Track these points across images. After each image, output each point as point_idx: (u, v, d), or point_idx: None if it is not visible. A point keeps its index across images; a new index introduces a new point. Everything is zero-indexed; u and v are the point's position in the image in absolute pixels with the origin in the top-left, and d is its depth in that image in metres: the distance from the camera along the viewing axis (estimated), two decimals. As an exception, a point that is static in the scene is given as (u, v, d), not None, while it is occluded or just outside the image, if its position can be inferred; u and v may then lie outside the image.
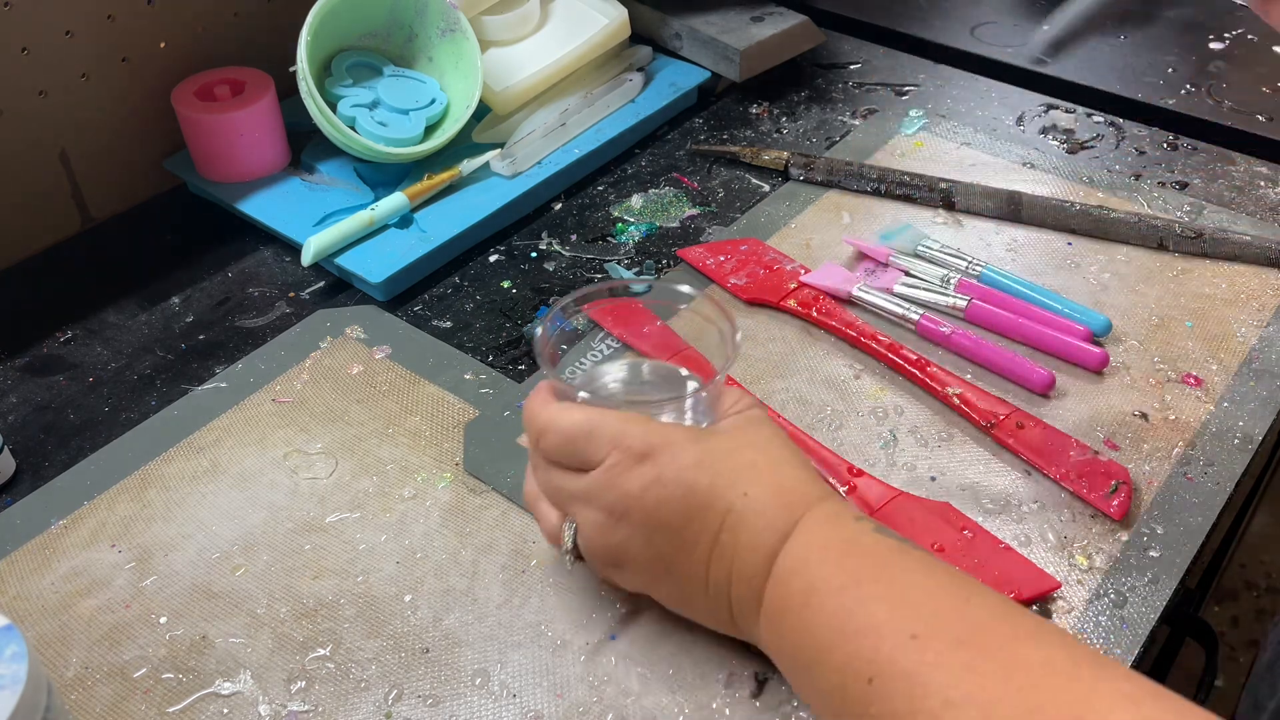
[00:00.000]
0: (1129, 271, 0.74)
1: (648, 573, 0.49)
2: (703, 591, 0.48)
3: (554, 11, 0.90)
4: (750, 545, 0.46)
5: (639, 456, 0.47)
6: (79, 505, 0.61)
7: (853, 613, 0.42)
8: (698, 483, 0.46)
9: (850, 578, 0.43)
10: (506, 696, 0.51)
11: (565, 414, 0.49)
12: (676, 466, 0.47)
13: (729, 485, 0.46)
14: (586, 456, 0.48)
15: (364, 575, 0.57)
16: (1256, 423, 0.63)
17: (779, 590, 0.45)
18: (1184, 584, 0.55)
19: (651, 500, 0.47)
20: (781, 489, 0.46)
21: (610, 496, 0.48)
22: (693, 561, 0.47)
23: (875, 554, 0.44)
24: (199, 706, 0.51)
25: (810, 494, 0.47)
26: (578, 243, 0.80)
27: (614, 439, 0.47)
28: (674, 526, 0.47)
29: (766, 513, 0.46)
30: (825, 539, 0.45)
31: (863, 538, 0.45)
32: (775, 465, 0.47)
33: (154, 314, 0.75)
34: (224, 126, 0.79)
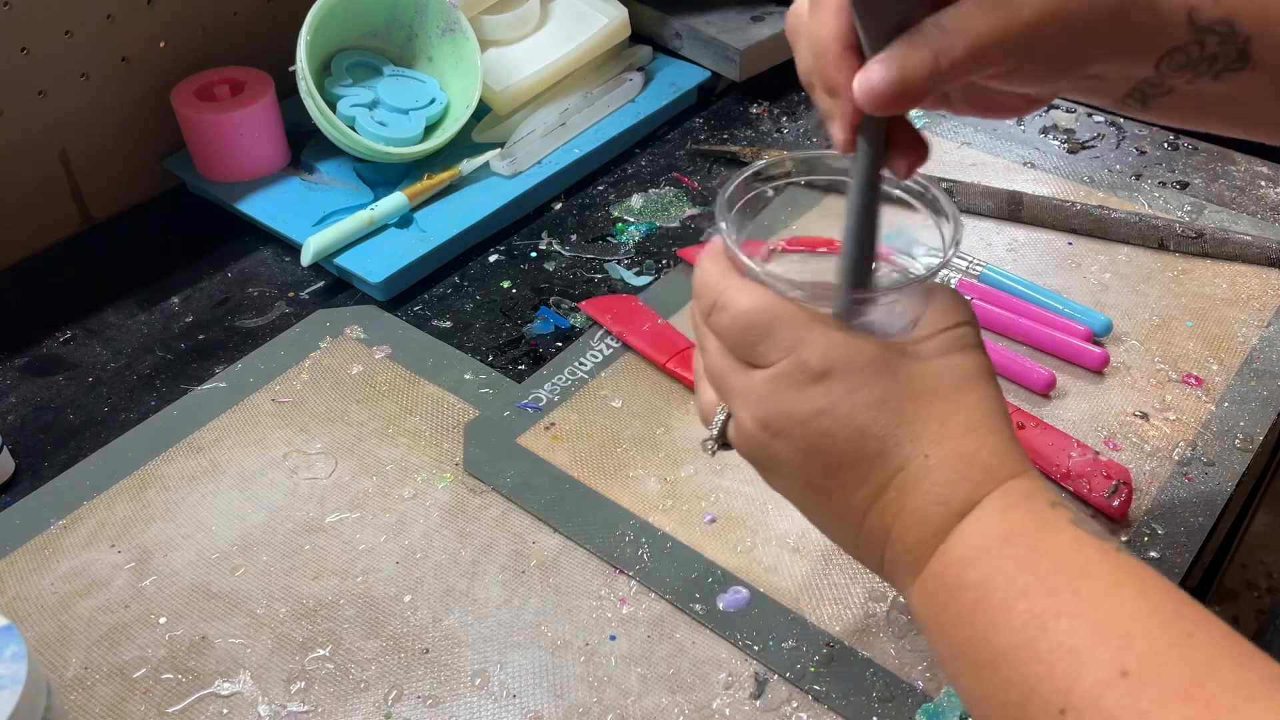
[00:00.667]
0: (1129, 271, 0.74)
1: (794, 491, 0.44)
2: (852, 532, 0.43)
3: (554, 11, 0.90)
4: (919, 514, 0.40)
5: (814, 375, 0.40)
6: (78, 505, 0.61)
7: (1045, 627, 0.35)
8: (872, 427, 0.40)
9: (1041, 582, 0.37)
10: (506, 697, 0.51)
11: (744, 294, 0.42)
12: (853, 402, 0.40)
13: (909, 439, 0.40)
14: (757, 352, 0.42)
15: (363, 575, 0.57)
16: (1257, 423, 0.63)
17: (947, 574, 0.39)
18: (1185, 584, 0.55)
19: (815, 431, 0.41)
20: (969, 457, 0.40)
21: (772, 409, 0.42)
22: (849, 504, 0.42)
23: (1073, 554, 0.37)
24: (198, 707, 0.51)
25: (1001, 468, 0.40)
26: (578, 243, 0.79)
27: (791, 344, 0.41)
28: (835, 464, 0.41)
29: (945, 483, 0.39)
30: (1011, 527, 0.38)
31: (1059, 532, 0.38)
32: (968, 426, 0.40)
33: (153, 314, 0.75)
34: (224, 126, 0.79)
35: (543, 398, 0.66)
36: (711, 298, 0.43)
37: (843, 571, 0.56)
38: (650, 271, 0.76)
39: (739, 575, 0.56)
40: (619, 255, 0.78)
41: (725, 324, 0.43)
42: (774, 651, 0.53)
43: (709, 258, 0.45)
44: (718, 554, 0.57)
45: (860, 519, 0.42)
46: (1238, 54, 0.42)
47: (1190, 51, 0.42)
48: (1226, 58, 0.42)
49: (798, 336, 0.41)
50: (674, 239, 0.79)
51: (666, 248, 0.79)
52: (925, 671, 0.52)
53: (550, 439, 0.64)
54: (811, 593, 0.55)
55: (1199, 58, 0.42)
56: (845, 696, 0.51)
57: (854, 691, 0.51)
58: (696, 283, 0.45)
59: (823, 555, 0.57)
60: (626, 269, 0.77)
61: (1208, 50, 0.42)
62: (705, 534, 0.58)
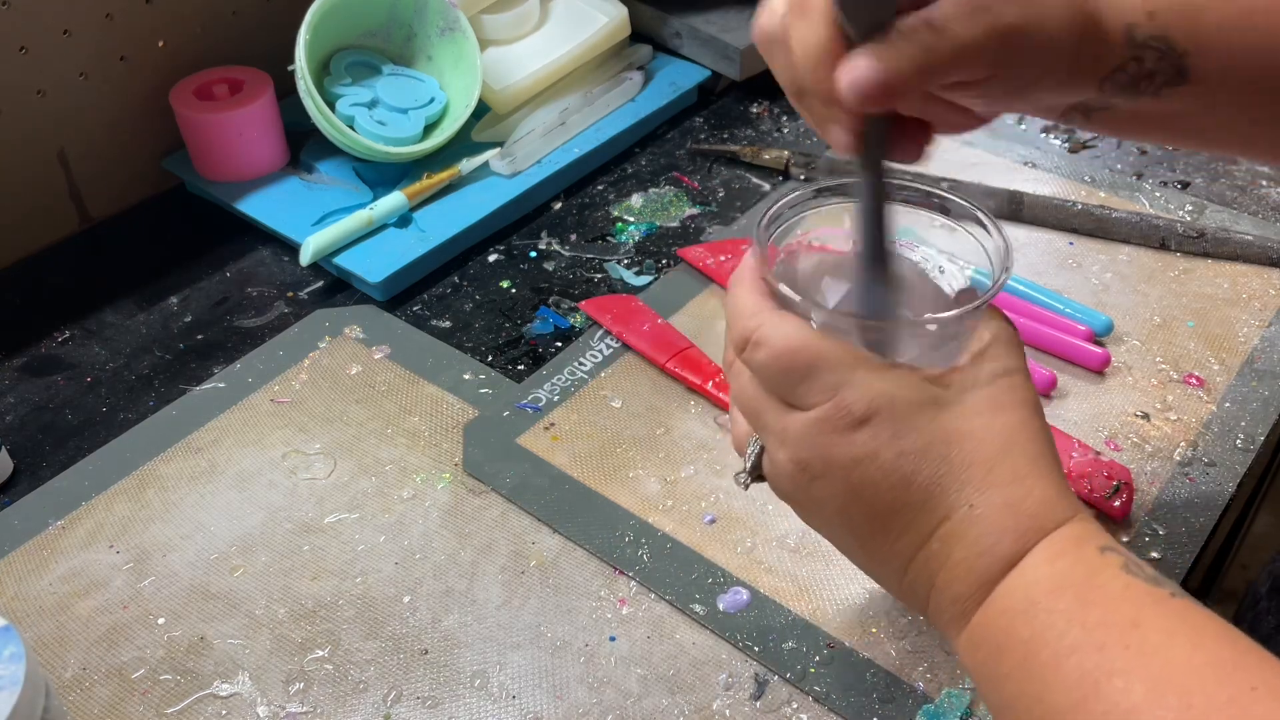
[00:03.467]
0: (1130, 271, 0.74)
1: (834, 534, 0.43)
2: (895, 578, 0.41)
3: (553, 10, 0.90)
4: (965, 565, 0.38)
5: (857, 420, 0.39)
6: (77, 506, 0.61)
7: (1098, 686, 0.34)
8: (917, 475, 0.39)
9: (1090, 637, 0.35)
10: (505, 698, 0.51)
11: (782, 330, 0.40)
12: (897, 449, 0.39)
13: (954, 487, 0.38)
14: (797, 393, 0.40)
15: (363, 576, 0.57)
16: (1258, 423, 0.63)
17: (995, 625, 0.38)
18: (1186, 585, 0.55)
19: (858, 477, 0.39)
20: (1015, 506, 0.38)
21: (811, 453, 0.40)
22: (892, 551, 0.40)
23: (1123, 605, 0.36)
24: (197, 708, 0.51)
25: (1049, 515, 0.38)
26: (577, 242, 0.79)
27: (833, 386, 0.39)
28: (878, 511, 0.40)
29: (992, 534, 0.38)
30: (1059, 578, 0.37)
31: (1109, 581, 0.36)
32: (1016, 473, 0.39)
33: (152, 314, 0.75)
34: (223, 126, 0.79)
35: (542, 398, 0.66)
36: (747, 332, 0.41)
37: (843, 572, 0.56)
38: (650, 271, 0.76)
39: (739, 576, 0.56)
40: (619, 255, 0.78)
41: (762, 362, 0.41)
42: (774, 652, 0.52)
43: (742, 285, 0.43)
44: (718, 554, 0.57)
45: (904, 566, 0.41)
46: (1175, 70, 0.42)
47: (1129, 70, 0.43)
48: (1165, 74, 0.43)
49: (840, 379, 0.39)
50: (674, 239, 0.79)
51: (666, 247, 0.78)
52: (925, 672, 0.52)
53: (550, 439, 0.64)
54: (811, 593, 0.55)
55: (1139, 75, 0.43)
56: (845, 697, 0.51)
57: (854, 692, 0.51)
58: (730, 312, 0.43)
59: (823, 555, 0.57)
60: (626, 269, 0.77)
61: (1146, 66, 0.42)
62: (705, 534, 0.58)
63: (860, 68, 0.38)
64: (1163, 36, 0.42)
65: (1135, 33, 0.42)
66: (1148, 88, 0.43)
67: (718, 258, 0.75)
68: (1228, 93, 0.43)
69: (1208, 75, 0.43)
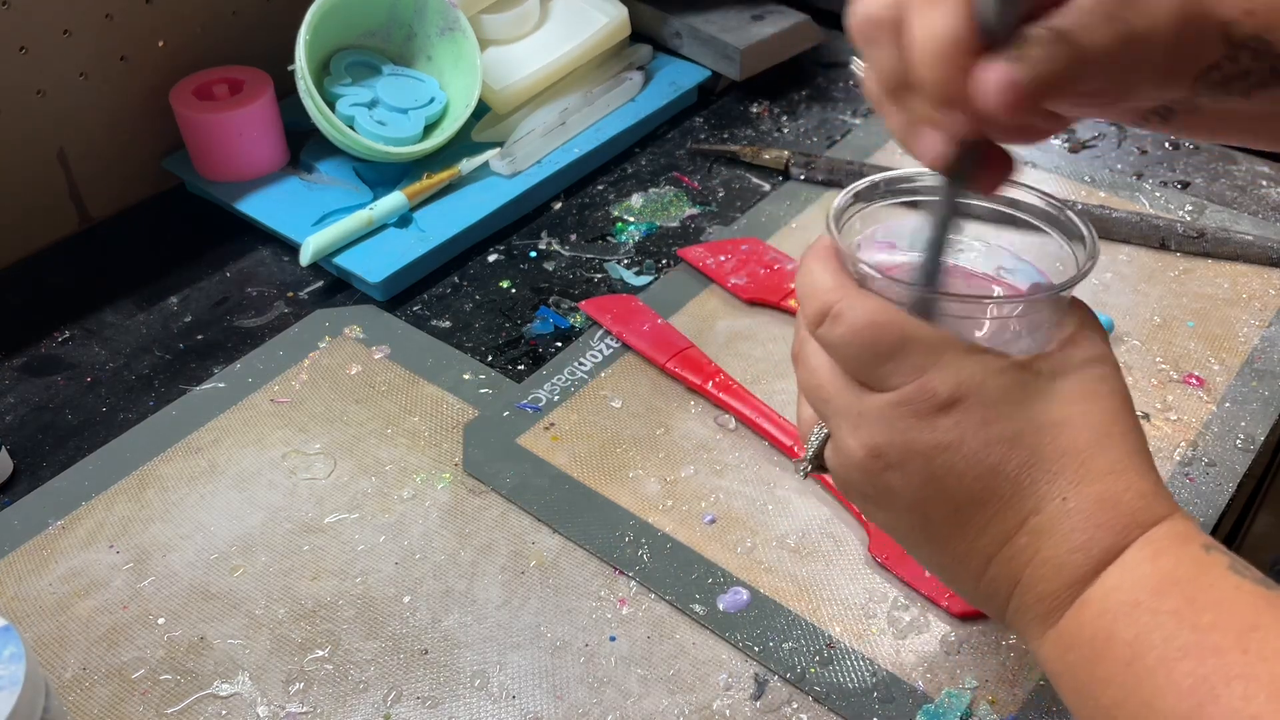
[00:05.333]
0: (1130, 271, 0.74)
1: (905, 529, 0.41)
2: (973, 577, 0.39)
3: (553, 10, 0.90)
4: (1055, 562, 0.37)
5: (942, 404, 0.37)
6: (77, 506, 0.61)
7: (1215, 692, 0.32)
8: (1005, 465, 0.37)
9: (1204, 639, 0.33)
10: (506, 698, 0.51)
11: (865, 306, 0.38)
12: (985, 437, 0.37)
13: (1045, 478, 0.36)
14: (878, 374, 0.38)
15: (362, 576, 0.57)
16: (1259, 423, 0.63)
17: (1091, 628, 0.36)
18: (1186, 585, 0.55)
19: (940, 466, 0.37)
20: (1112, 500, 0.36)
21: (888, 437, 0.38)
22: (972, 547, 0.38)
23: (1237, 606, 0.34)
24: (197, 708, 0.51)
25: (1148, 511, 0.36)
26: (577, 242, 0.79)
27: (919, 367, 0.37)
28: (959, 504, 0.38)
29: (1086, 529, 0.36)
30: (1163, 576, 0.35)
31: (1218, 580, 0.34)
32: (1112, 465, 0.37)
33: (152, 314, 0.75)
34: (222, 126, 0.79)
35: (542, 398, 0.66)
36: (826, 305, 0.39)
37: (843, 571, 0.56)
38: (650, 271, 0.76)
39: (739, 576, 0.56)
40: (619, 255, 0.78)
41: (842, 337, 0.38)
42: (774, 652, 0.52)
43: (817, 259, 0.40)
44: (718, 554, 0.57)
45: (985, 564, 0.39)
46: (1270, 71, 0.40)
47: (1224, 69, 0.40)
48: (1259, 74, 0.40)
49: (926, 360, 0.37)
50: (674, 238, 0.79)
51: (666, 247, 0.78)
52: (925, 672, 0.52)
53: (550, 439, 0.64)
54: (811, 593, 0.55)
55: (1233, 74, 0.40)
56: (845, 697, 0.51)
57: (854, 692, 0.51)
58: (803, 287, 0.40)
59: (823, 555, 0.57)
60: (626, 269, 0.77)
61: (1241, 66, 0.40)
62: (705, 534, 0.58)
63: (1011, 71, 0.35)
64: (1260, 36, 0.39)
65: (1232, 30, 0.39)
66: (1239, 88, 0.40)
67: (718, 258, 0.75)
68: None
69: None
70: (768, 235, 0.78)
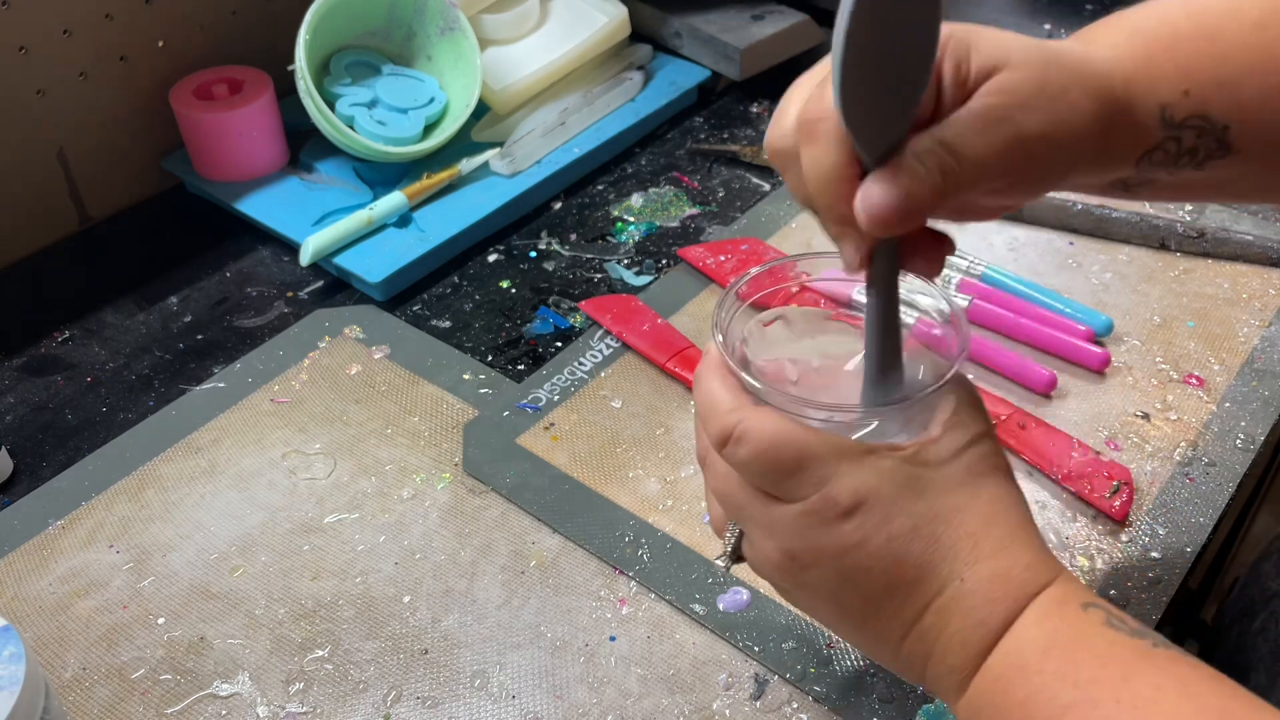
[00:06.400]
0: (1131, 271, 0.74)
1: (825, 616, 0.44)
2: (890, 654, 0.42)
3: (553, 10, 0.90)
4: (960, 637, 0.39)
5: (845, 510, 0.39)
6: (77, 506, 0.61)
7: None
8: (908, 556, 0.39)
9: (1083, 694, 0.36)
10: (505, 698, 0.51)
11: (762, 429, 0.40)
12: (887, 533, 0.39)
13: (944, 562, 0.39)
14: (782, 489, 0.41)
15: (362, 576, 0.57)
16: (1259, 423, 0.63)
17: (989, 693, 0.39)
18: (1186, 585, 0.55)
19: (849, 564, 0.40)
20: (1003, 575, 0.39)
21: (800, 543, 0.41)
22: (887, 628, 0.41)
23: (1111, 661, 0.37)
24: (197, 708, 0.51)
25: (1034, 580, 0.39)
26: (577, 242, 0.79)
27: (819, 479, 0.40)
28: (870, 595, 0.40)
29: (983, 605, 0.39)
30: (1047, 639, 0.38)
31: (1094, 637, 0.37)
32: (1000, 543, 0.39)
33: (152, 314, 0.75)
34: (222, 125, 0.79)
35: (542, 398, 0.66)
36: (727, 428, 0.41)
37: (843, 572, 0.56)
38: (650, 271, 0.76)
39: (739, 576, 0.56)
40: (619, 255, 0.78)
41: (743, 460, 0.41)
42: (774, 652, 0.52)
43: (712, 375, 0.43)
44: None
45: (899, 643, 0.41)
46: (1217, 144, 0.42)
47: (1168, 148, 0.42)
48: (1206, 148, 0.42)
49: (825, 471, 0.40)
50: (674, 238, 0.79)
51: (666, 247, 0.78)
52: (926, 672, 0.52)
53: (550, 439, 0.64)
54: (812, 593, 0.55)
55: (1177, 153, 0.42)
56: (845, 697, 0.51)
57: (854, 692, 0.51)
58: (703, 405, 0.43)
59: (823, 556, 0.57)
60: (626, 269, 0.77)
61: (1185, 145, 0.42)
62: (705, 534, 0.58)
63: (877, 194, 0.38)
64: (1201, 113, 0.41)
65: (1171, 113, 0.41)
66: (1189, 162, 0.42)
67: (718, 258, 0.75)
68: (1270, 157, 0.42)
69: (1251, 144, 0.42)
70: (768, 235, 0.78)
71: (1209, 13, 0.42)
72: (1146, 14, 0.43)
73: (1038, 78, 0.39)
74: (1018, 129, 0.38)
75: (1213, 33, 0.41)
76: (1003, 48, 0.39)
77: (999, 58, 0.39)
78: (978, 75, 0.38)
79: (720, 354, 0.43)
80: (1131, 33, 0.42)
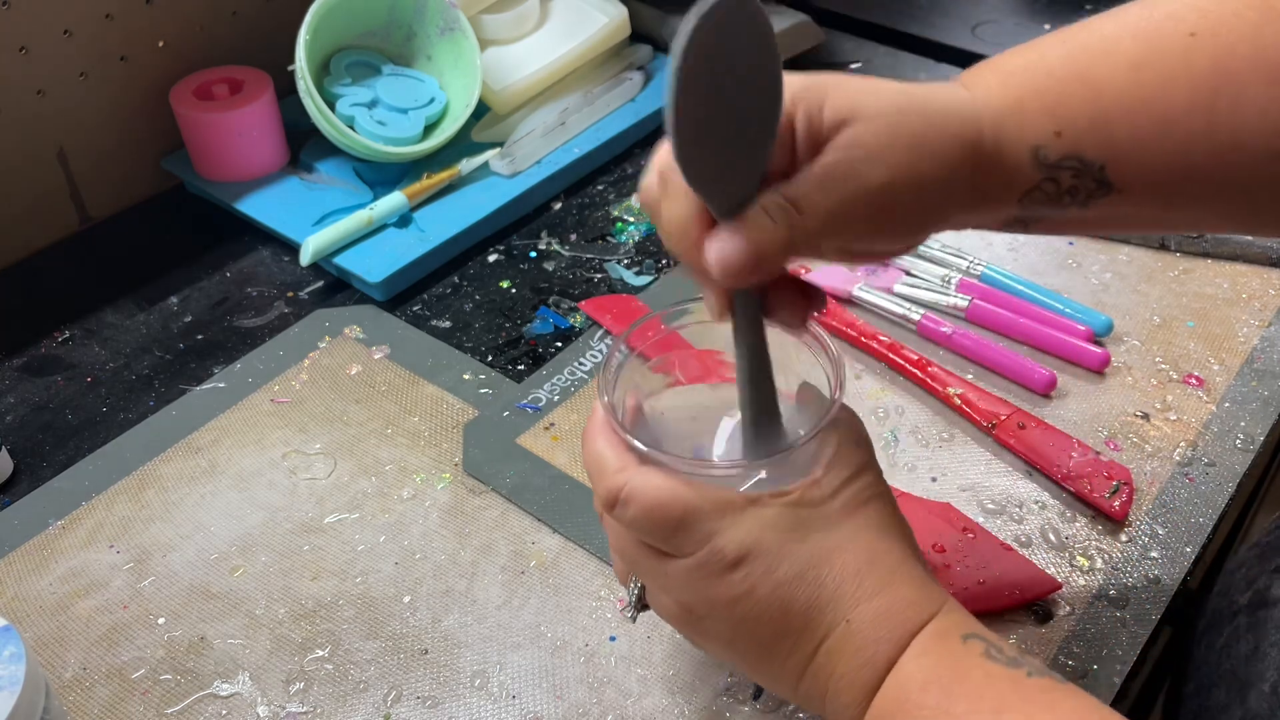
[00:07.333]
0: (1130, 271, 0.74)
1: (726, 657, 0.45)
2: (789, 690, 0.43)
3: (553, 10, 0.90)
4: (849, 677, 0.40)
5: (731, 562, 0.41)
6: (77, 506, 0.61)
7: None
8: (794, 602, 0.40)
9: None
10: (506, 698, 0.51)
11: (648, 486, 0.41)
12: (774, 581, 0.40)
13: (830, 604, 0.40)
14: (671, 544, 0.42)
15: (363, 576, 0.57)
16: (1258, 423, 0.63)
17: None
18: (1185, 585, 0.55)
19: (740, 613, 0.41)
20: (886, 613, 0.40)
21: (693, 596, 0.42)
22: (782, 670, 0.42)
23: (987, 693, 0.38)
24: (197, 708, 0.51)
25: (916, 616, 0.40)
26: (577, 242, 0.79)
27: (705, 535, 0.41)
28: (763, 640, 0.42)
29: (869, 645, 0.40)
30: (926, 674, 0.39)
31: (970, 670, 0.39)
32: (881, 581, 0.40)
33: (152, 314, 0.75)
34: (222, 125, 0.79)
35: (542, 398, 0.66)
36: (614, 490, 0.42)
37: (843, 572, 0.56)
38: (650, 271, 0.76)
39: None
40: (619, 255, 0.78)
41: (633, 518, 0.42)
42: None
43: (597, 440, 0.44)
44: (718, 554, 0.57)
45: (796, 682, 0.42)
46: (1096, 184, 0.42)
47: (1046, 189, 0.42)
48: (1086, 188, 0.42)
49: (710, 526, 0.41)
50: (674, 239, 0.79)
51: (666, 247, 0.78)
52: (926, 672, 0.52)
53: (550, 439, 0.64)
54: (812, 593, 0.55)
55: (1056, 193, 0.42)
56: (846, 697, 0.51)
57: (854, 692, 0.51)
58: (590, 466, 0.44)
59: (823, 556, 0.57)
60: (626, 269, 0.77)
61: (1064, 185, 0.42)
62: (705, 534, 0.58)
63: (725, 246, 0.39)
64: (1074, 154, 0.41)
65: (1044, 154, 0.41)
66: (1072, 201, 0.43)
67: (718, 258, 0.75)
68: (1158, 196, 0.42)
69: (1131, 183, 0.42)
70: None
71: (1085, 53, 0.42)
72: (1022, 56, 0.43)
73: (888, 129, 0.39)
74: (863, 182, 0.39)
75: (1085, 74, 0.41)
76: (855, 100, 0.40)
77: (851, 110, 0.39)
78: (829, 128, 0.39)
79: (606, 414, 0.44)
80: (1005, 75, 0.43)
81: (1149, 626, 0.53)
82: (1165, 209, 0.43)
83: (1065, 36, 0.43)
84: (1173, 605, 0.54)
